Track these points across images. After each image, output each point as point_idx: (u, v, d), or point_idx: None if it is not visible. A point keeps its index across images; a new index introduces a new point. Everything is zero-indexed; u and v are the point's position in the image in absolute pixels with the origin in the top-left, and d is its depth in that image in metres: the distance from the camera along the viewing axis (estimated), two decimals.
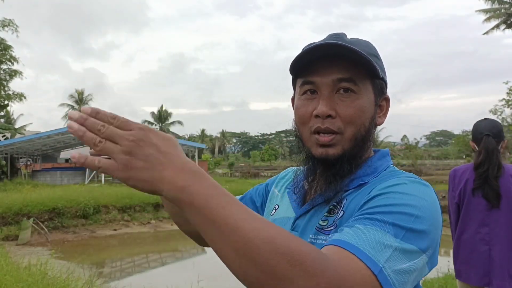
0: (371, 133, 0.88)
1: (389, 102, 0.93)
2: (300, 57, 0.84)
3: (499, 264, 2.61)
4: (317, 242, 0.82)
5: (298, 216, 0.90)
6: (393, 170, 0.87)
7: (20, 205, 12.94)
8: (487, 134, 2.69)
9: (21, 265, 5.96)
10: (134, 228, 14.06)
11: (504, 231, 2.62)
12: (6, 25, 22.10)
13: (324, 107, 0.82)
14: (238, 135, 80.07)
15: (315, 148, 0.85)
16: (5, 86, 23.08)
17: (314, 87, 0.85)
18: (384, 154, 0.92)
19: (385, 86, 0.91)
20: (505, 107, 24.59)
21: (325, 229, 0.82)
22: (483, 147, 2.66)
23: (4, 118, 32.46)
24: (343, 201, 0.84)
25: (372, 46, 0.89)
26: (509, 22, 26.38)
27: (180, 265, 10.67)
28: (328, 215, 0.84)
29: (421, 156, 41.64)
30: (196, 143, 29.97)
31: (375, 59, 0.86)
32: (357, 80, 0.83)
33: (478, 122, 2.82)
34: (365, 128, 0.85)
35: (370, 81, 0.86)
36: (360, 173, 0.87)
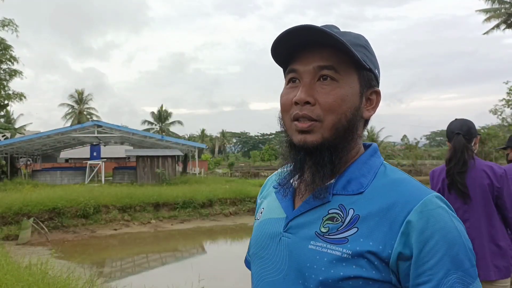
0: (355, 125, 0.86)
1: (379, 96, 0.90)
2: (278, 42, 0.84)
3: (481, 256, 2.70)
4: (317, 250, 0.80)
5: (292, 218, 0.87)
6: (390, 170, 0.86)
7: (20, 204, 12.94)
8: (457, 133, 2.83)
9: (21, 265, 5.96)
10: (134, 228, 14.05)
11: (483, 224, 2.73)
12: (6, 25, 22.08)
13: (303, 94, 0.81)
14: (238, 135, 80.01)
15: (295, 135, 0.84)
16: (5, 86, 23.06)
17: (297, 75, 0.85)
18: (375, 149, 0.91)
19: (375, 79, 0.89)
20: (505, 107, 24.59)
21: (328, 237, 0.80)
22: (452, 145, 2.82)
23: (4, 118, 32.45)
24: (347, 208, 0.81)
25: (362, 38, 0.88)
26: (509, 22, 26.38)
27: (180, 265, 10.67)
28: (330, 222, 0.81)
29: (421, 156, 41.65)
30: (196, 143, 29.96)
31: (363, 50, 0.85)
32: (339, 68, 0.82)
33: (450, 122, 2.97)
34: (346, 118, 0.83)
35: (356, 71, 0.84)
36: (355, 171, 0.85)
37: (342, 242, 0.78)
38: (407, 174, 0.85)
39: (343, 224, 0.80)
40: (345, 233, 0.79)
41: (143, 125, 57.10)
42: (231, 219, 15.69)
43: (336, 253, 0.77)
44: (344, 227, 0.79)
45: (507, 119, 25.23)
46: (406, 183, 0.81)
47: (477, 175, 2.74)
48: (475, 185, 2.73)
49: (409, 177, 0.84)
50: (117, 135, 25.04)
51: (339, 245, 0.78)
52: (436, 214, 0.76)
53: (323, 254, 0.78)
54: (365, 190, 0.82)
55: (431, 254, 0.74)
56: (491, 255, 2.71)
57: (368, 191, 0.82)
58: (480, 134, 2.94)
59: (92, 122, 25.71)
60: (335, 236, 0.79)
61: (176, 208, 15.49)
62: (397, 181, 0.82)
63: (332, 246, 0.78)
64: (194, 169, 28.06)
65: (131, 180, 23.10)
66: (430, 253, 0.74)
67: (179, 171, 26.09)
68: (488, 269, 2.69)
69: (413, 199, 0.78)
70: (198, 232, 13.95)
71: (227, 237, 13.65)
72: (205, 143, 53.40)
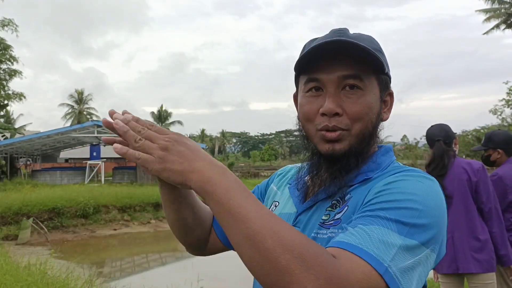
0: (377, 129, 0.88)
1: (393, 97, 0.92)
2: (305, 55, 0.83)
3: (461, 249, 2.84)
4: (318, 237, 0.81)
5: (301, 212, 0.89)
6: (397, 166, 0.86)
7: (19, 204, 12.93)
8: (438, 140, 2.98)
9: (20, 265, 5.95)
10: (134, 227, 14.05)
11: (462, 218, 2.86)
12: (6, 25, 22.08)
13: (331, 105, 0.81)
14: (238, 135, 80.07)
15: (321, 144, 0.84)
16: (5, 86, 23.05)
17: (319, 84, 0.84)
18: (388, 149, 0.92)
19: (390, 80, 0.90)
20: (505, 107, 24.59)
21: (327, 223, 0.81)
22: (433, 152, 2.99)
23: (4, 118, 32.45)
24: (347, 196, 0.83)
25: (375, 41, 0.88)
26: (509, 22, 26.39)
27: (180, 265, 10.66)
28: (330, 209, 0.83)
29: (421, 156, 41.60)
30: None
31: (380, 54, 0.84)
32: (363, 76, 0.82)
33: (428, 129, 3.13)
34: (372, 125, 0.84)
35: (375, 77, 0.85)
36: (364, 168, 0.86)
37: (337, 223, 0.79)
38: (416, 168, 0.85)
39: (339, 208, 0.82)
40: (338, 214, 0.80)
41: None
42: None
43: (332, 235, 0.78)
44: (339, 209, 0.81)
45: (507, 119, 25.22)
46: (405, 167, 0.84)
47: (456, 172, 2.87)
48: (454, 181, 2.86)
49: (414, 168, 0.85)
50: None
51: (335, 226, 0.79)
52: (409, 174, 0.77)
53: (323, 240, 0.79)
54: (366, 180, 0.83)
55: (372, 191, 0.75)
56: (471, 248, 2.82)
57: (369, 180, 0.83)
58: (455, 137, 3.09)
59: (92, 122, 25.71)
60: (333, 219, 0.81)
61: None
62: (398, 167, 0.85)
63: (330, 229, 0.80)
64: None
65: (131, 180, 23.10)
66: (372, 190, 0.75)
67: None
68: (467, 262, 2.81)
69: (407, 169, 0.81)
70: None
71: None
72: (205, 143, 53.46)
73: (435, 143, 2.97)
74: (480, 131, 27.50)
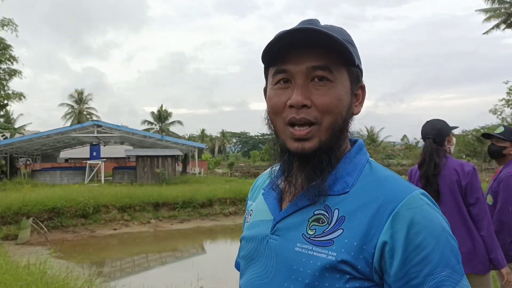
0: (348, 123, 0.85)
1: (365, 91, 0.88)
2: (271, 44, 0.80)
3: None
4: (304, 252, 0.78)
5: (279, 220, 0.84)
6: (375, 168, 0.84)
7: (19, 204, 12.92)
8: (428, 137, 2.96)
9: (20, 264, 5.94)
10: (133, 227, 14.04)
11: (456, 219, 2.84)
12: (6, 25, 22.06)
13: (299, 97, 0.78)
14: (238, 135, 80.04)
15: (290, 142, 0.81)
16: (5, 86, 23.04)
17: (288, 75, 0.81)
18: (360, 146, 0.88)
19: (361, 73, 0.87)
20: (505, 107, 24.59)
21: (314, 239, 0.78)
22: (423, 150, 2.97)
23: (3, 118, 32.44)
24: (333, 209, 0.78)
25: (346, 33, 0.85)
26: (509, 21, 26.39)
27: (179, 265, 10.66)
28: (316, 224, 0.79)
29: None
30: (196, 143, 29.96)
31: (350, 46, 0.82)
32: (333, 67, 0.79)
33: (422, 125, 3.07)
34: (342, 118, 0.81)
35: (346, 69, 0.82)
36: (341, 171, 0.82)
37: (328, 244, 0.76)
38: (392, 172, 0.83)
39: (329, 226, 0.78)
40: (330, 235, 0.77)
41: (143, 125, 57.12)
42: (230, 219, 15.68)
43: (322, 255, 0.76)
44: (330, 228, 0.77)
45: (507, 119, 25.22)
46: (392, 180, 0.80)
47: (447, 173, 2.84)
48: (445, 183, 2.83)
49: (394, 174, 0.82)
50: (117, 135, 25.02)
51: (325, 247, 0.76)
52: (423, 210, 0.75)
53: (310, 257, 0.77)
54: (350, 189, 0.80)
55: (418, 251, 0.72)
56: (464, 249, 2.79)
57: (353, 190, 0.79)
58: (452, 132, 3.01)
59: (92, 122, 25.71)
60: (321, 238, 0.77)
61: (175, 208, 15.48)
62: (383, 179, 0.80)
63: (318, 248, 0.77)
64: (194, 169, 28.05)
65: (130, 180, 23.09)
66: (417, 249, 0.72)
67: (179, 171, 26.08)
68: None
69: (399, 195, 0.76)
70: (198, 232, 13.94)
71: (227, 237, 13.63)
72: (205, 143, 53.43)
73: (426, 140, 2.95)
74: (480, 131, 27.50)
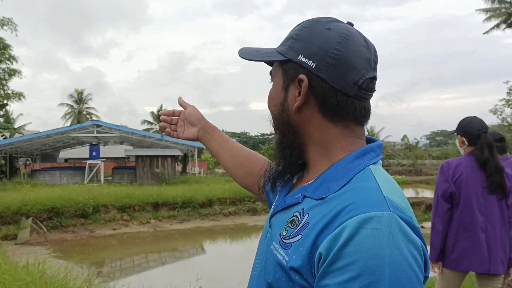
0: (287, 119, 0.82)
1: (304, 81, 0.78)
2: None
3: (494, 250, 2.82)
4: (273, 252, 0.78)
5: (272, 215, 0.87)
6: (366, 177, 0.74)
7: (19, 204, 12.90)
8: (484, 132, 2.85)
9: (19, 264, 5.92)
10: (133, 227, 14.02)
11: (497, 218, 2.85)
12: (5, 24, 22.03)
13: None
14: (238, 135, 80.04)
15: None
16: (4, 86, 23.02)
17: None
18: (366, 151, 0.79)
19: (304, 66, 0.79)
20: (505, 107, 24.54)
21: (282, 241, 0.76)
22: (483, 143, 2.83)
23: (3, 118, 32.42)
24: (305, 213, 0.75)
25: (297, 28, 0.83)
26: (509, 21, 26.37)
27: (179, 265, 10.64)
28: (289, 225, 0.77)
29: (421, 156, 41.61)
30: (195, 143, 29.92)
31: (290, 41, 0.82)
32: (272, 71, 0.89)
33: (470, 119, 2.96)
34: (275, 116, 0.87)
35: (281, 67, 0.85)
36: (331, 174, 0.77)
37: (287, 247, 0.74)
38: (384, 183, 0.73)
39: (295, 230, 0.75)
40: (292, 238, 0.74)
41: (143, 125, 57.13)
42: (230, 219, 15.66)
43: (279, 257, 0.75)
44: (294, 232, 0.75)
45: (507, 119, 25.20)
46: (367, 192, 0.70)
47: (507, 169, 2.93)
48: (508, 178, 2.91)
49: (377, 187, 0.71)
50: (117, 135, 25.00)
51: (285, 249, 0.75)
52: (376, 234, 0.63)
53: (274, 257, 0.77)
54: (328, 196, 0.73)
55: (341, 271, 0.63)
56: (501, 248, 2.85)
57: (331, 197, 0.73)
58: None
59: (92, 122, 25.69)
60: (286, 240, 0.76)
61: (175, 208, 15.46)
62: (360, 188, 0.71)
63: (281, 250, 0.76)
64: (193, 169, 28.04)
65: (130, 180, 23.07)
66: (340, 269, 0.63)
67: (178, 171, 26.06)
68: (497, 262, 2.82)
69: (361, 209, 0.66)
70: (198, 232, 13.92)
71: (227, 237, 13.61)
72: None
73: (481, 134, 2.85)
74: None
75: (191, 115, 1.29)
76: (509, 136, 24.95)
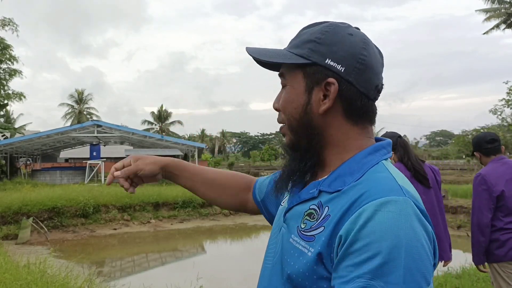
0: (310, 122, 0.84)
1: (334, 86, 0.81)
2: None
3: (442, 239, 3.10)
4: (294, 245, 0.80)
5: (287, 210, 0.89)
6: (381, 170, 0.79)
7: (19, 204, 12.92)
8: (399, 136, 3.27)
9: (20, 264, 5.95)
10: (133, 227, 14.04)
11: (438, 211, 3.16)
12: (6, 25, 22.06)
13: (274, 102, 0.92)
14: (238, 135, 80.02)
15: None
16: (5, 86, 23.04)
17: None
18: (377, 148, 0.84)
19: (330, 70, 0.81)
20: (505, 107, 24.56)
21: (303, 233, 0.79)
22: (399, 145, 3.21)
23: (3, 118, 32.43)
24: (324, 206, 0.79)
25: (318, 30, 0.84)
26: (509, 21, 26.38)
27: (179, 265, 10.66)
28: (308, 218, 0.81)
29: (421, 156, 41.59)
30: (196, 143, 29.93)
31: (312, 45, 0.82)
32: (286, 74, 0.88)
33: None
34: (295, 118, 0.86)
35: (301, 70, 0.84)
36: (345, 168, 0.81)
37: (310, 239, 0.77)
38: (397, 175, 0.78)
39: (316, 222, 0.78)
40: (314, 231, 0.78)
41: (143, 125, 57.17)
42: (230, 218, 15.68)
43: (304, 250, 0.78)
44: (316, 225, 0.78)
45: (507, 119, 25.21)
46: (382, 181, 0.75)
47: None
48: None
49: (391, 176, 0.76)
50: (117, 135, 25.03)
51: (308, 242, 0.78)
52: (385, 217, 0.67)
53: (296, 250, 0.80)
54: (344, 188, 0.77)
55: (361, 251, 0.66)
56: None
57: (346, 189, 0.77)
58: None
59: (92, 122, 25.71)
60: (308, 233, 0.79)
61: (175, 207, 15.48)
62: (375, 178, 0.76)
63: (303, 243, 0.79)
64: None
65: None
66: (361, 249, 0.66)
67: None
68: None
69: (378, 194, 0.71)
70: (198, 231, 13.94)
71: (227, 237, 13.63)
72: (205, 143, 53.42)
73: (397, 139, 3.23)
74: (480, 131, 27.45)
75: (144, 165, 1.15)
76: (509, 136, 24.97)
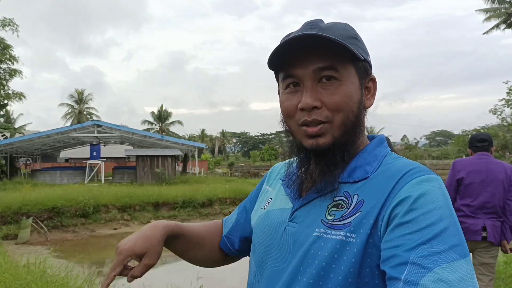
0: (361, 118, 0.87)
1: (375, 82, 0.91)
2: (276, 50, 0.83)
3: None
4: (322, 237, 0.80)
5: (297, 208, 0.88)
6: (396, 157, 0.87)
7: (19, 204, 12.91)
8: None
9: (20, 264, 5.94)
10: (134, 227, 14.04)
11: None
12: (6, 25, 22.05)
13: (308, 99, 0.81)
14: (238, 135, 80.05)
15: (305, 140, 0.84)
16: (5, 86, 23.04)
17: (296, 79, 0.84)
18: (381, 140, 0.91)
19: (370, 67, 0.89)
20: (504, 107, 24.57)
21: (333, 223, 0.80)
22: None
23: (3, 118, 32.44)
24: (352, 195, 0.81)
25: (349, 28, 0.87)
26: (509, 21, 26.38)
27: (179, 264, 10.65)
28: (335, 209, 0.81)
29: (421, 156, 41.65)
30: (196, 143, 29.93)
31: (355, 41, 0.84)
32: (338, 66, 0.82)
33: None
34: (354, 114, 0.83)
35: (353, 65, 0.84)
36: (360, 160, 0.85)
37: (344, 227, 0.78)
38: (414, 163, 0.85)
39: (348, 210, 0.80)
40: (349, 218, 0.79)
41: (143, 125, 57.15)
42: None
43: (340, 238, 0.78)
44: (349, 212, 0.79)
45: (507, 119, 25.22)
46: (411, 163, 0.82)
47: None
48: None
49: (415, 162, 0.84)
50: (117, 135, 25.03)
51: (344, 229, 0.78)
52: (434, 190, 0.75)
53: (328, 240, 0.79)
54: (370, 175, 0.82)
55: (419, 220, 0.71)
56: None
57: (373, 176, 0.82)
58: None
59: (92, 122, 25.71)
60: (340, 222, 0.79)
61: (176, 207, 15.48)
62: (403, 163, 0.83)
63: (337, 231, 0.79)
64: (194, 169, 28.06)
65: (130, 179, 23.08)
66: (418, 219, 0.71)
67: (179, 170, 26.07)
68: None
69: (415, 174, 0.78)
70: None
71: None
72: (205, 143, 53.41)
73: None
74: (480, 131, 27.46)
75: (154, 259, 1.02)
76: (509, 136, 24.98)
